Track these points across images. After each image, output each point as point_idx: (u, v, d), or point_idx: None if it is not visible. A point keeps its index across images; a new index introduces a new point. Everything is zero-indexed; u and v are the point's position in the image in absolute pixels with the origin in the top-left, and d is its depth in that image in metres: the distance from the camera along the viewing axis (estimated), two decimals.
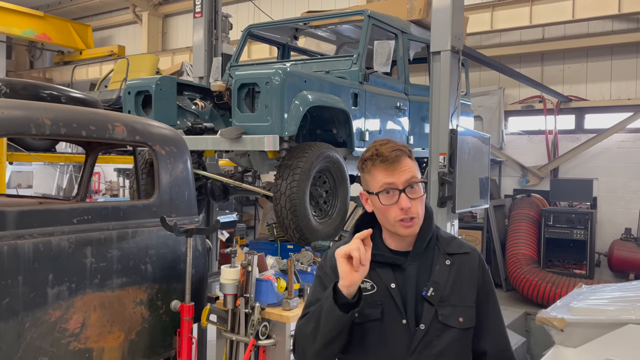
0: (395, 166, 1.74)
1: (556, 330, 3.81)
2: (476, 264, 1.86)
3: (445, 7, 4.43)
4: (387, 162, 1.74)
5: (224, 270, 3.29)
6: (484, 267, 1.89)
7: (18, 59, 16.05)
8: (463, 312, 1.77)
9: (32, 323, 2.47)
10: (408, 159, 1.78)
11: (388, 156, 1.74)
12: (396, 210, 1.74)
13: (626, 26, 8.36)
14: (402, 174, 1.74)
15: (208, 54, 5.84)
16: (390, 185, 1.74)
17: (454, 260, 1.83)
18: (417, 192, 1.76)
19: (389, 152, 1.75)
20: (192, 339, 3.05)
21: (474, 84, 8.62)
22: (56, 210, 2.64)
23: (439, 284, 1.77)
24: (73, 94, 5.86)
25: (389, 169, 1.74)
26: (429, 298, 1.75)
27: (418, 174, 1.80)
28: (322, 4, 10.88)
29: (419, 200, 1.76)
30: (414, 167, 1.78)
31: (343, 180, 4.32)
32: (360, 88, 4.59)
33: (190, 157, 3.40)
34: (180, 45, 13.27)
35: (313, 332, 1.73)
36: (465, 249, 1.88)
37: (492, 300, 1.89)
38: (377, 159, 1.75)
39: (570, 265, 8.04)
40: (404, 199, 1.73)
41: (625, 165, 8.39)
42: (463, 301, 1.79)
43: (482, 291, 1.85)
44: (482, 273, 1.87)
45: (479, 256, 1.91)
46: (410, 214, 1.74)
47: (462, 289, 1.80)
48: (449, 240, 1.88)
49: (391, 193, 1.74)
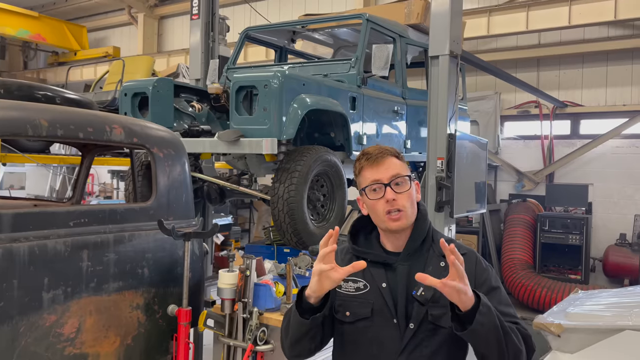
0: (379, 163, 1.86)
1: (553, 335, 3.81)
2: (472, 265, 1.86)
3: (444, 12, 4.43)
4: (372, 160, 1.86)
5: (222, 274, 3.25)
6: (482, 266, 1.89)
7: (12, 60, 15.95)
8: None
9: (26, 327, 2.43)
10: (393, 157, 1.89)
11: (372, 154, 1.88)
12: (382, 203, 1.83)
13: (622, 32, 8.40)
14: (386, 170, 1.85)
15: (205, 56, 5.82)
16: (376, 181, 1.84)
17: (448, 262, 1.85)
18: (403, 187, 1.85)
19: (374, 151, 1.89)
20: (190, 344, 3.01)
21: (470, 89, 8.64)
22: (52, 213, 2.60)
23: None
24: (68, 95, 5.80)
25: (374, 167, 1.86)
26: (419, 297, 1.77)
27: (405, 171, 1.89)
28: (319, 7, 10.88)
29: (405, 194, 1.85)
30: (399, 165, 1.88)
31: (341, 184, 4.30)
32: (358, 92, 4.58)
33: (188, 159, 3.37)
34: (176, 47, 13.24)
35: (286, 329, 1.87)
36: (461, 251, 1.86)
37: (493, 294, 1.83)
38: (363, 158, 1.89)
39: (565, 270, 8.06)
40: (389, 191, 1.83)
41: (620, 171, 8.42)
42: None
43: (480, 290, 1.80)
44: (479, 273, 1.86)
45: (476, 257, 1.91)
46: (396, 206, 1.82)
47: None
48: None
49: (378, 190, 1.84)
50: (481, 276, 1.86)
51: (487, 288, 1.83)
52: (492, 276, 1.90)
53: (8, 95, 5.11)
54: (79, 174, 3.91)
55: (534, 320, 4.01)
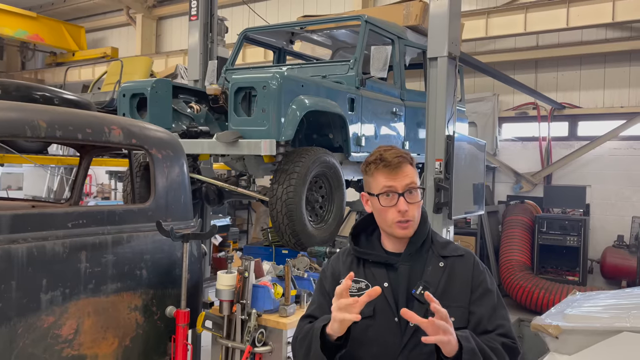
0: (396, 171, 1.85)
1: (551, 337, 3.81)
2: (470, 266, 1.90)
3: (442, 13, 4.43)
4: (389, 167, 1.85)
5: (220, 276, 3.25)
6: (479, 268, 1.91)
7: (10, 60, 15.91)
8: (454, 312, 1.78)
9: (24, 329, 2.43)
10: (409, 165, 1.89)
11: (391, 161, 1.85)
12: (394, 212, 1.84)
13: (619, 35, 8.42)
14: (402, 179, 1.85)
15: (203, 57, 5.82)
16: (391, 188, 1.84)
17: (447, 263, 1.90)
18: (415, 197, 1.87)
19: (392, 157, 1.86)
20: (188, 345, 3.01)
21: (468, 90, 8.65)
22: (51, 214, 2.60)
23: (430, 284, 1.82)
24: (66, 95, 5.79)
25: (391, 174, 1.85)
26: (419, 296, 1.78)
27: (417, 180, 1.91)
28: (318, 8, 10.88)
29: (416, 205, 1.87)
30: (414, 174, 1.89)
31: (339, 185, 4.30)
32: (356, 93, 4.58)
33: (186, 161, 3.36)
34: (174, 48, 13.22)
35: (305, 355, 1.83)
36: (459, 252, 1.94)
37: (489, 296, 1.87)
38: (380, 163, 1.86)
39: (563, 272, 8.06)
40: (402, 202, 1.83)
41: (617, 173, 8.43)
42: (455, 301, 1.82)
43: (477, 291, 1.86)
44: (477, 274, 1.89)
45: (474, 258, 1.94)
46: (406, 217, 1.84)
47: (454, 289, 1.85)
48: (444, 244, 1.96)
49: (391, 196, 1.85)
50: (478, 278, 1.88)
51: (483, 290, 1.87)
52: (489, 279, 1.92)
53: (6, 96, 5.10)
54: (77, 175, 3.91)
55: (532, 322, 4.02)
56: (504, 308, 1.89)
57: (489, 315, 1.83)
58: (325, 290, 1.97)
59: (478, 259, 1.97)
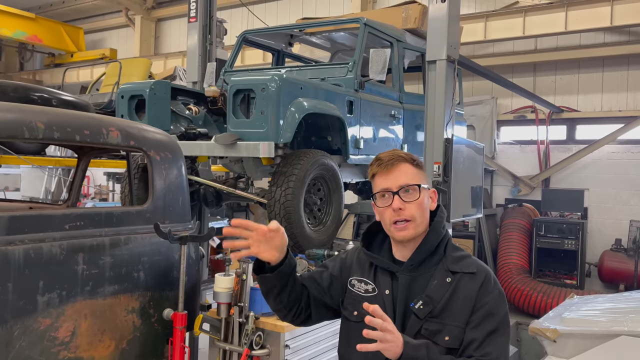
0: (390, 170, 1.82)
1: (549, 340, 3.82)
2: (477, 285, 1.77)
3: (441, 17, 4.44)
4: (383, 166, 1.83)
5: (218, 278, 3.24)
6: (488, 289, 1.78)
7: (8, 61, 15.90)
8: (451, 331, 1.73)
9: (21, 331, 2.41)
10: (407, 164, 1.84)
11: (385, 161, 1.84)
12: (390, 212, 1.81)
13: (618, 38, 8.44)
14: (397, 178, 1.81)
15: (202, 58, 5.82)
16: (386, 189, 1.82)
17: (455, 279, 1.79)
18: (412, 196, 1.81)
19: (387, 157, 1.85)
20: (185, 348, 3.00)
21: (466, 94, 8.66)
22: (48, 216, 2.59)
23: (431, 299, 1.76)
24: (64, 97, 5.78)
25: (385, 173, 1.83)
26: (416, 311, 1.75)
27: (420, 180, 1.83)
28: (316, 11, 10.90)
29: (414, 203, 1.81)
30: (412, 173, 1.83)
31: (337, 187, 4.30)
32: (355, 96, 4.58)
33: (185, 163, 3.36)
34: (173, 49, 13.22)
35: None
36: (471, 269, 1.81)
37: (488, 321, 1.73)
38: (375, 163, 1.87)
39: (561, 275, 8.07)
40: (396, 200, 1.79)
41: (615, 176, 8.45)
42: (453, 320, 1.74)
43: (477, 313, 1.74)
44: (482, 295, 1.76)
45: (485, 278, 1.79)
46: (402, 216, 1.79)
47: (455, 308, 1.75)
48: (457, 259, 1.84)
49: (387, 196, 1.82)
50: (482, 299, 1.76)
51: (484, 313, 1.74)
52: (495, 303, 1.77)
53: (4, 97, 5.08)
54: (75, 177, 3.89)
55: (530, 325, 4.02)
56: (502, 336, 1.74)
57: (481, 340, 1.71)
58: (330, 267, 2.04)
59: (494, 280, 1.81)
